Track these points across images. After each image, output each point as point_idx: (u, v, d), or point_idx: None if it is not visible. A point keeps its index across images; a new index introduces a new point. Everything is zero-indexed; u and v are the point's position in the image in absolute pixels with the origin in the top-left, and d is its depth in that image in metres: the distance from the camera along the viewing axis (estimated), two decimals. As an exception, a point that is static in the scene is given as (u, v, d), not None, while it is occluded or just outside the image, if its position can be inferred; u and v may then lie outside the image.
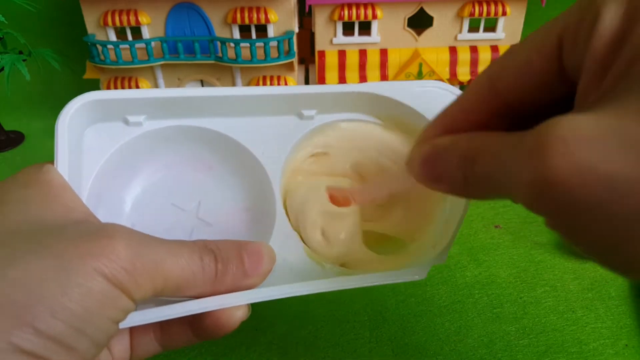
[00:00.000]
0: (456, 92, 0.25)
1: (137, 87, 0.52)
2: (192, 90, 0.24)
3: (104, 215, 0.22)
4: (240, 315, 0.21)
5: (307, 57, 0.56)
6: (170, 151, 0.25)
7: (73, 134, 0.22)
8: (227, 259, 0.21)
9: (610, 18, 0.12)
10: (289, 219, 0.25)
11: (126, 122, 0.24)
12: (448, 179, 0.16)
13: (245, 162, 0.25)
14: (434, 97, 0.25)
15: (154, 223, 0.24)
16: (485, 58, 0.50)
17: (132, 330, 0.22)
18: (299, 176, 0.27)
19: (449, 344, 0.31)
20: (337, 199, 0.25)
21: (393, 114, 0.26)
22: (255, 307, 0.21)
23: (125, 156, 0.24)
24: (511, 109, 0.16)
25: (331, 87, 0.26)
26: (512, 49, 0.16)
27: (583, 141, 0.11)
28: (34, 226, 0.18)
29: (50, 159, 0.21)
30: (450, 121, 0.18)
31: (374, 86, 0.25)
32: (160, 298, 0.20)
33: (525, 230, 0.41)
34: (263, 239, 0.24)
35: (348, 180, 0.27)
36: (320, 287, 0.22)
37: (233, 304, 0.21)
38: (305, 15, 0.51)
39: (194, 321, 0.21)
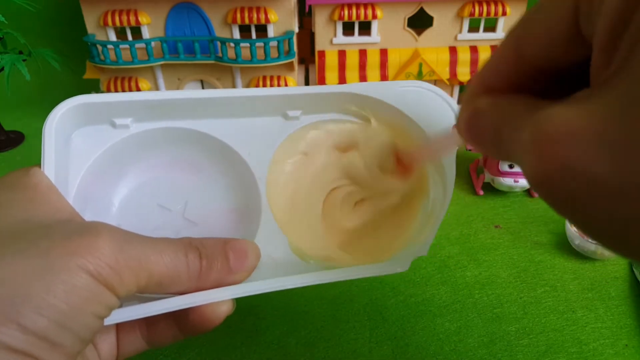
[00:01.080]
0: (438, 91, 0.26)
1: (137, 87, 0.52)
2: (178, 93, 0.24)
3: (91, 217, 0.22)
4: (225, 309, 0.21)
5: (307, 57, 0.56)
6: (157, 153, 0.26)
7: (60, 137, 0.22)
8: (212, 256, 0.21)
9: None
10: (273, 212, 0.25)
11: (113, 125, 0.24)
12: (485, 145, 0.17)
13: (231, 163, 0.26)
14: (416, 97, 0.25)
15: (141, 224, 0.25)
16: (485, 58, 0.50)
17: (119, 327, 0.22)
18: (285, 170, 0.27)
19: (449, 344, 0.31)
20: (402, 162, 0.25)
21: (377, 114, 0.26)
22: (255, 308, 0.21)
23: (113, 158, 0.25)
24: (539, 70, 0.16)
25: (315, 88, 0.26)
26: (535, 10, 0.15)
27: (568, 140, 0.11)
28: (20, 227, 0.18)
29: (50, 158, 0.21)
30: (488, 80, 0.18)
31: (358, 87, 0.26)
32: (145, 295, 0.20)
33: (525, 230, 0.41)
34: (249, 237, 0.24)
35: (335, 180, 0.28)
36: (303, 281, 0.22)
37: (217, 299, 0.21)
38: (305, 15, 0.51)
39: (179, 317, 0.21)
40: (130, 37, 0.50)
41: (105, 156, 0.24)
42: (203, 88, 0.54)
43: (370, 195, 0.27)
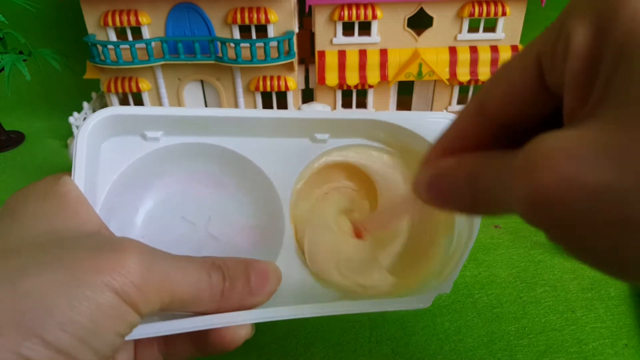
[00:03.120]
0: None
1: (138, 87, 0.52)
2: (209, 110, 0.25)
3: (116, 227, 0.23)
4: (245, 333, 0.21)
5: (307, 57, 0.56)
6: (185, 167, 0.26)
7: (91, 146, 0.22)
8: (235, 277, 0.21)
9: (580, 37, 0.12)
10: (297, 243, 0.25)
11: (144, 137, 0.25)
12: (456, 198, 0.16)
13: (256, 181, 0.26)
14: (441, 128, 0.26)
15: (164, 235, 0.25)
16: (485, 58, 0.50)
17: (137, 341, 0.22)
18: (309, 203, 0.27)
19: (448, 344, 0.31)
20: (355, 231, 0.26)
21: (405, 143, 0.26)
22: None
23: (141, 170, 0.25)
24: (504, 127, 0.16)
25: (344, 112, 0.27)
26: (497, 72, 0.16)
27: (566, 156, 0.11)
28: (48, 238, 0.18)
29: (50, 158, 0.21)
30: (450, 144, 0.18)
31: (387, 115, 0.26)
32: (167, 312, 0.20)
33: (524, 230, 0.41)
34: (270, 257, 0.24)
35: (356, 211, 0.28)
36: (324, 310, 0.22)
37: (238, 323, 0.21)
38: (305, 15, 0.51)
39: (197, 336, 0.21)
40: (130, 37, 0.50)
41: (134, 167, 0.24)
42: (203, 88, 0.54)
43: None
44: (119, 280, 0.17)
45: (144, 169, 0.25)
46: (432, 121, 0.26)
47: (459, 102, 0.54)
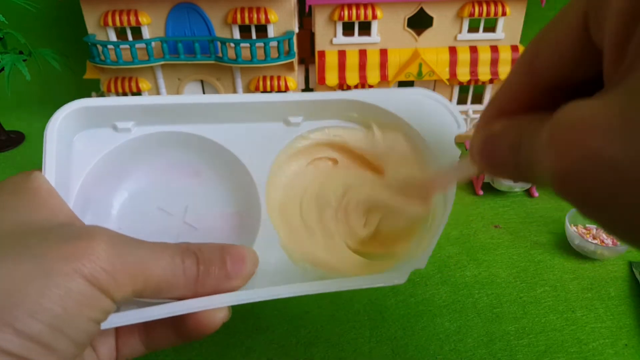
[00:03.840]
0: (440, 99, 0.25)
1: (138, 87, 0.52)
2: (180, 98, 0.24)
3: (91, 220, 0.23)
4: (222, 316, 0.21)
5: (307, 57, 0.56)
6: (158, 157, 0.26)
7: (62, 140, 0.22)
8: (209, 261, 0.21)
9: None
10: (270, 212, 0.25)
11: (115, 128, 0.24)
12: (503, 166, 0.16)
13: (232, 168, 0.26)
14: (418, 105, 0.25)
15: (141, 227, 0.25)
16: (484, 58, 0.50)
17: (118, 331, 0.22)
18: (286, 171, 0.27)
19: (448, 344, 0.31)
20: (418, 192, 0.25)
21: (378, 121, 0.26)
22: (254, 308, 0.22)
23: (114, 161, 0.25)
24: (553, 86, 0.16)
25: (317, 94, 0.26)
26: (546, 28, 0.16)
27: (589, 128, 0.11)
28: (19, 230, 0.18)
29: (50, 158, 0.21)
30: (501, 104, 0.18)
31: (359, 93, 0.26)
32: (142, 300, 0.20)
33: (524, 230, 0.41)
34: (248, 243, 0.24)
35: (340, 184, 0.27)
36: (300, 290, 0.22)
37: (214, 306, 0.21)
38: (305, 15, 0.51)
39: (176, 323, 0.21)
40: (130, 37, 0.50)
41: (107, 159, 0.24)
42: (203, 88, 0.54)
43: (381, 213, 0.27)
44: (89, 267, 0.17)
45: (117, 160, 0.25)
46: (407, 97, 0.25)
47: (459, 102, 0.54)
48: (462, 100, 0.54)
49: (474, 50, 0.50)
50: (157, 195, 0.26)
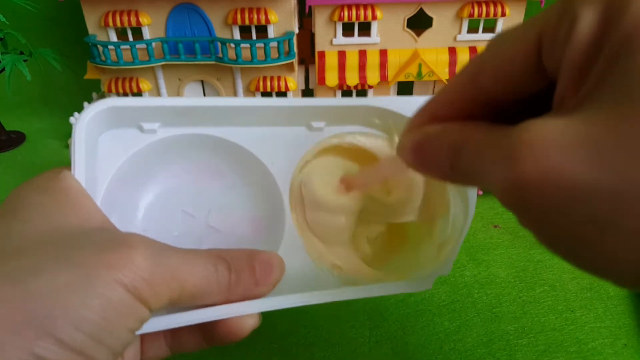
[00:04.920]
0: None
1: (138, 87, 0.52)
2: (206, 100, 0.24)
3: (116, 221, 0.22)
4: (252, 323, 0.21)
5: (307, 57, 0.57)
6: (183, 158, 0.26)
7: (89, 140, 0.22)
8: (240, 269, 0.21)
9: (587, 23, 0.12)
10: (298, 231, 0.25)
11: (141, 129, 0.24)
12: (436, 166, 0.17)
13: (255, 171, 0.26)
14: None
15: (165, 229, 0.25)
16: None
17: (144, 335, 0.22)
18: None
19: (448, 343, 0.31)
20: (346, 185, 0.26)
21: (400, 129, 0.26)
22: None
23: (139, 163, 0.25)
24: (494, 100, 0.16)
25: (340, 100, 0.26)
26: (493, 43, 0.16)
27: (550, 147, 0.11)
28: (54, 235, 0.18)
29: (51, 159, 0.21)
30: (438, 110, 0.18)
31: (382, 100, 0.26)
32: (176, 306, 0.20)
33: (524, 230, 0.41)
34: (271, 247, 0.24)
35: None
36: (328, 297, 0.22)
37: (245, 313, 0.21)
38: (305, 15, 0.51)
39: (205, 328, 0.21)
40: (131, 38, 0.50)
41: (132, 160, 0.24)
42: (203, 88, 0.54)
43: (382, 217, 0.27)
44: (129, 276, 0.17)
45: (142, 161, 0.25)
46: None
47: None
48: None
49: (473, 50, 0.50)
50: (182, 197, 0.26)
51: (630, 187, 0.10)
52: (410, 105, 0.25)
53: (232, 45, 0.48)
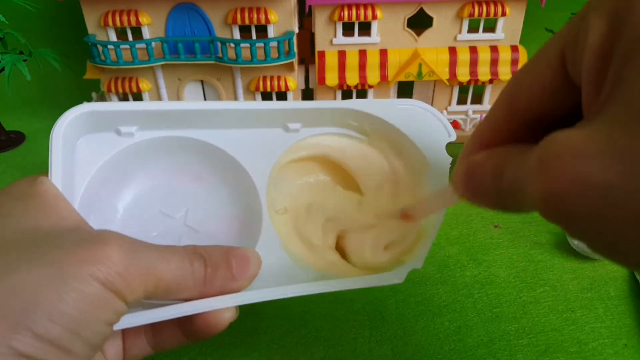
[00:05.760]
0: (433, 111, 0.27)
1: (138, 87, 0.52)
2: (183, 104, 0.25)
3: (95, 222, 0.23)
4: (229, 316, 0.22)
5: (307, 57, 0.57)
6: (161, 161, 0.26)
7: (67, 144, 0.23)
8: (216, 264, 0.21)
9: (597, 31, 0.13)
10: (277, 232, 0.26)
11: (118, 132, 0.25)
12: (485, 194, 0.17)
13: (232, 172, 0.26)
14: (413, 115, 0.27)
15: (144, 230, 0.25)
16: (484, 58, 0.50)
17: (125, 332, 0.23)
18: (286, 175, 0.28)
19: (448, 344, 0.31)
20: (405, 217, 0.26)
21: (375, 130, 0.27)
22: (255, 308, 0.22)
23: (117, 165, 0.25)
24: (533, 120, 0.16)
25: (315, 103, 0.27)
26: (526, 65, 0.16)
27: (575, 156, 0.12)
28: (30, 235, 0.18)
29: (50, 158, 0.22)
30: (483, 137, 0.18)
31: (357, 103, 0.27)
32: (151, 301, 0.20)
33: (524, 230, 0.41)
34: (249, 245, 0.25)
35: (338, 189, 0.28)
36: (303, 290, 0.23)
37: (222, 306, 0.21)
38: (305, 15, 0.51)
39: (184, 323, 0.22)
40: (130, 38, 0.50)
41: (110, 163, 0.25)
42: (203, 88, 0.54)
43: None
44: (104, 271, 0.17)
45: (120, 164, 0.25)
46: (401, 107, 0.27)
47: (458, 102, 0.54)
48: (461, 101, 0.54)
49: (473, 50, 0.50)
50: (160, 198, 0.26)
51: None
52: (384, 107, 0.27)
53: (232, 45, 0.48)
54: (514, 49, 0.50)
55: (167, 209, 0.26)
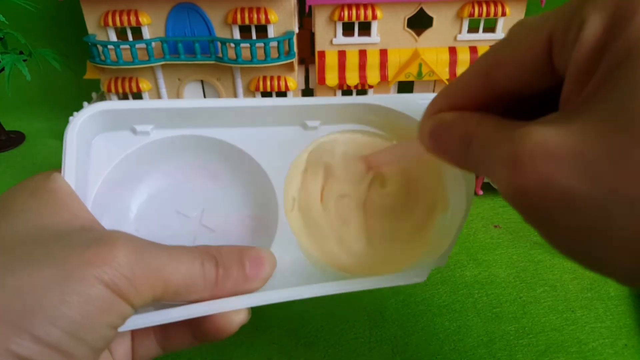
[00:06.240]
0: None
1: (138, 87, 0.52)
2: (199, 102, 0.24)
3: (109, 222, 0.22)
4: (241, 319, 0.21)
5: (307, 57, 0.57)
6: (176, 160, 0.26)
7: (81, 142, 0.22)
8: (229, 264, 0.21)
9: (593, 27, 0.13)
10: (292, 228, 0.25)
11: (134, 131, 0.25)
12: (450, 152, 0.18)
13: (249, 171, 0.26)
14: None
15: (158, 229, 0.25)
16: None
17: (134, 333, 0.22)
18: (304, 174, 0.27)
19: (448, 344, 0.31)
20: (367, 164, 0.26)
21: (396, 126, 0.26)
22: (255, 307, 0.22)
23: (132, 164, 0.25)
24: (507, 95, 0.17)
25: (335, 98, 0.26)
26: (508, 40, 0.16)
27: (547, 157, 0.12)
28: (38, 233, 0.18)
29: (50, 159, 0.22)
30: (453, 98, 0.18)
31: (379, 98, 0.26)
32: (161, 303, 0.20)
33: (524, 230, 0.41)
34: (265, 245, 0.24)
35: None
36: (319, 291, 0.22)
37: (233, 308, 0.21)
38: (305, 15, 0.51)
39: (194, 325, 0.21)
40: (130, 38, 0.50)
41: (125, 162, 0.24)
42: (203, 88, 0.54)
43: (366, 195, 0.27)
44: (109, 273, 0.17)
45: (135, 163, 0.25)
46: (424, 103, 0.26)
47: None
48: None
49: (473, 50, 0.50)
50: (175, 198, 0.26)
51: (618, 199, 0.11)
52: (407, 102, 0.26)
53: (232, 45, 0.48)
54: (514, 49, 0.50)
55: (183, 209, 0.26)
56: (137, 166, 0.25)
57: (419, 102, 0.26)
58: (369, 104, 0.26)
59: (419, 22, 0.49)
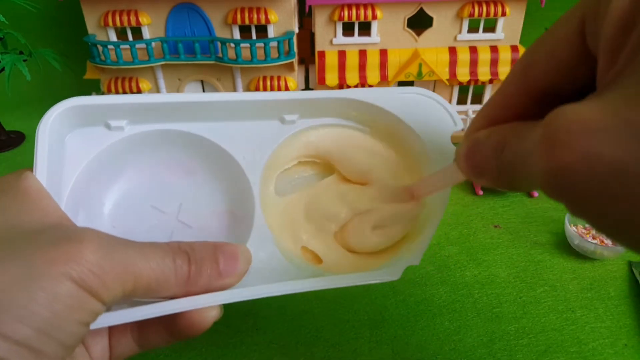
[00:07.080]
0: (436, 97, 0.25)
1: (138, 87, 0.52)
2: (173, 96, 0.24)
3: (83, 219, 0.22)
4: (213, 315, 0.21)
5: (307, 57, 0.57)
6: (152, 155, 0.26)
7: (54, 139, 0.22)
8: (202, 260, 0.21)
9: (621, 1, 0.12)
10: (267, 219, 0.25)
11: (108, 126, 0.24)
12: (486, 170, 0.17)
13: (226, 166, 0.25)
14: (413, 104, 0.25)
15: (134, 225, 0.25)
16: (484, 58, 0.50)
17: (111, 330, 0.22)
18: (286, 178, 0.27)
19: (448, 344, 0.31)
20: (409, 194, 0.26)
21: (373, 119, 0.26)
22: (255, 307, 0.22)
23: (107, 160, 0.24)
24: (546, 94, 0.16)
25: (314, 93, 0.26)
26: (542, 36, 0.16)
27: (585, 130, 0.11)
28: (8, 232, 0.18)
29: (50, 158, 0.21)
30: (492, 113, 0.18)
31: (357, 92, 0.26)
32: (133, 299, 0.20)
33: (524, 230, 0.41)
34: (242, 241, 0.24)
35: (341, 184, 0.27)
36: (294, 287, 0.22)
37: (205, 305, 0.21)
38: (305, 15, 0.51)
39: (168, 322, 0.21)
40: (130, 38, 0.50)
41: (100, 158, 0.24)
42: (203, 88, 0.54)
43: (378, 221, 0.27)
44: (77, 270, 0.17)
45: (110, 159, 0.25)
46: (403, 96, 0.25)
47: (458, 102, 0.54)
48: (461, 101, 0.54)
49: (473, 50, 0.50)
50: (151, 193, 0.26)
51: None
52: (384, 95, 0.25)
53: (232, 45, 0.48)
54: (514, 49, 0.50)
55: (159, 204, 0.26)
56: (112, 162, 0.25)
57: (396, 95, 0.25)
58: (346, 98, 0.25)
59: (419, 22, 0.50)
